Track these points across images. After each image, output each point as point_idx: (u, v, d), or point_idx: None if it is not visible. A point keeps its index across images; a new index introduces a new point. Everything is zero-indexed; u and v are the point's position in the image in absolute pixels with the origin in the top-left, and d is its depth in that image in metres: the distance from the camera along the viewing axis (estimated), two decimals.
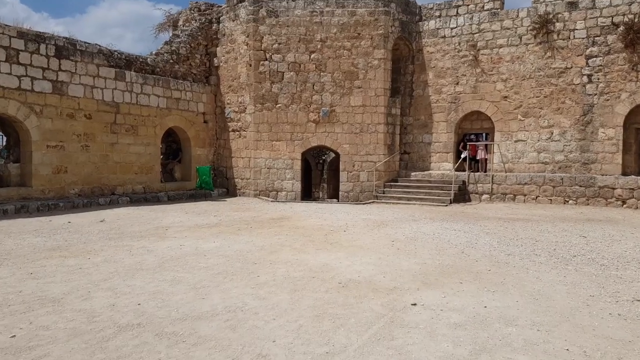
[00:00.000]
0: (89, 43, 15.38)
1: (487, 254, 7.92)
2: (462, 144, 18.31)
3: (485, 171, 17.98)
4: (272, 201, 17.06)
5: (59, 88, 14.36)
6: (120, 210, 13.51)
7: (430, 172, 18.39)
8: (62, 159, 14.48)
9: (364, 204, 16.73)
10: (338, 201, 18.43)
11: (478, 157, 18.18)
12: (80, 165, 14.95)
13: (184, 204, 15.66)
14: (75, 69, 14.78)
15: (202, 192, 17.82)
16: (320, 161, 24.33)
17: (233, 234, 9.78)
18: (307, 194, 24.31)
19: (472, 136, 18.34)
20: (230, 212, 13.53)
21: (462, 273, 6.66)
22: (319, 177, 24.63)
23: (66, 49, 14.59)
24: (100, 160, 15.53)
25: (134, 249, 8.16)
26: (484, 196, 17.16)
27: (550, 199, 16.23)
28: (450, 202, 16.25)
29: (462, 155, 17.85)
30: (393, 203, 16.66)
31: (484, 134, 18.47)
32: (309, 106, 18.00)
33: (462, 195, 17.14)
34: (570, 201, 15.96)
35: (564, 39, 16.42)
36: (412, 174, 18.53)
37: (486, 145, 18.14)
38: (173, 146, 19.33)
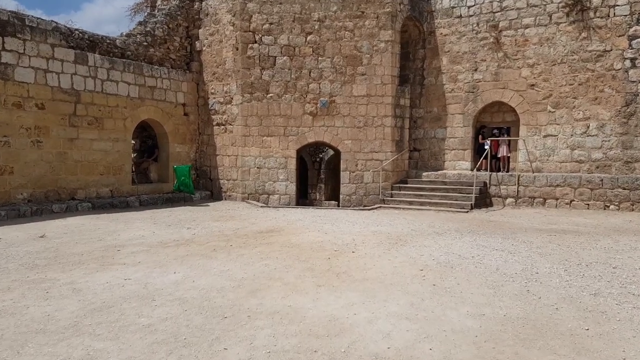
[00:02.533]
0: (41, 19, 12.82)
1: (564, 294, 5.51)
2: (480, 135, 15.89)
3: (508, 170, 15.60)
4: (262, 206, 14.60)
5: (3, 72, 11.81)
6: (73, 221, 11.00)
7: (444, 171, 15.99)
8: (6, 158, 11.94)
9: (369, 209, 14.30)
10: (338, 206, 15.99)
11: (499, 155, 15.76)
12: (30, 165, 12.42)
13: (157, 211, 13.16)
14: (24, 49, 12.23)
15: (181, 195, 15.32)
16: (318, 159, 21.88)
17: (205, 258, 7.32)
18: (303, 196, 21.91)
19: (495, 131, 15.96)
20: (209, 223, 11.06)
21: (548, 337, 4.24)
22: (316, 177, 22.20)
23: (12, 24, 12.04)
24: (57, 159, 13.00)
25: (55, 286, 5.68)
26: (509, 200, 14.77)
27: (588, 204, 13.86)
28: (472, 208, 13.85)
29: (486, 147, 15.36)
30: (403, 209, 14.24)
31: (505, 128, 16.06)
32: (305, 96, 15.54)
33: (483, 199, 14.75)
34: (612, 206, 13.59)
35: (602, 17, 14.03)
36: (424, 174, 16.12)
37: (509, 141, 15.75)
38: (148, 142, 16.82)
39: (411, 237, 9.31)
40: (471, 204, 13.92)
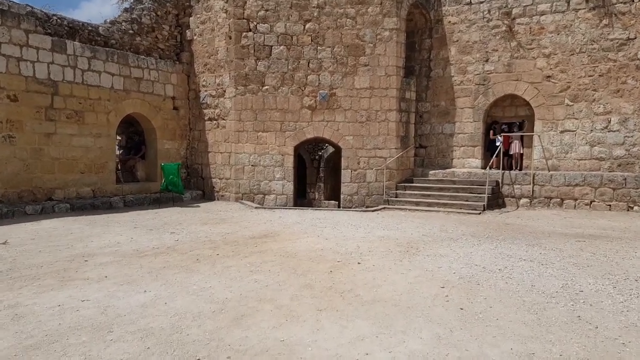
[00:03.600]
0: (14, 1, 11.69)
1: (625, 322, 4.43)
2: (492, 130, 14.81)
3: (521, 169, 14.53)
4: (256, 207, 13.49)
5: None
6: (47, 224, 9.89)
7: (453, 170, 14.90)
8: None
9: (373, 210, 13.20)
10: (339, 206, 14.91)
11: (511, 152, 14.67)
12: (1, 163, 11.31)
13: (142, 213, 12.06)
14: None
15: (171, 195, 14.20)
16: (317, 157, 20.79)
17: (185, 270, 6.22)
18: (301, 195, 20.86)
19: (504, 126, 14.87)
20: (196, 226, 9.95)
21: None
22: (315, 175, 21.11)
23: None
24: (32, 156, 11.88)
25: None
26: (523, 200, 13.68)
27: (609, 205, 12.78)
28: (484, 209, 12.77)
29: (497, 144, 14.31)
30: (410, 210, 13.14)
31: (517, 124, 14.97)
32: (303, 88, 14.44)
33: (495, 200, 13.66)
34: (636, 207, 12.52)
35: (625, 3, 12.94)
36: (431, 172, 15.03)
37: (522, 137, 14.67)
38: (135, 138, 15.71)
39: (423, 243, 8.23)
40: (484, 205, 12.83)
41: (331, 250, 7.55)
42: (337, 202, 19.39)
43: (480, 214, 12.39)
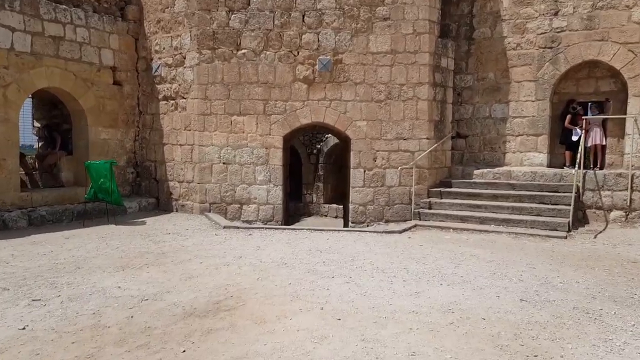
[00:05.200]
0: None
1: None
2: (569, 115, 10.50)
3: (602, 166, 10.26)
4: (226, 226, 9.09)
5: None
6: None
7: (507, 168, 10.59)
8: None
9: (401, 232, 8.80)
10: (346, 217, 10.66)
11: (589, 143, 10.33)
12: None
13: (41, 238, 7.70)
14: None
15: (108, 207, 9.79)
16: (314, 151, 16.48)
17: None
18: (296, 197, 16.56)
19: (579, 107, 10.58)
20: (100, 277, 5.58)
21: None
22: (312, 173, 16.82)
23: None
24: None
25: None
26: (615, 214, 9.38)
27: None
28: (569, 229, 8.49)
29: (574, 137, 10.13)
30: (455, 230, 8.83)
31: (596, 104, 10.62)
32: (296, 53, 10.08)
33: (574, 212, 9.36)
34: None
35: None
36: (476, 172, 10.72)
37: (602, 122, 10.35)
38: (63, 126, 11.31)
39: (544, 330, 3.92)
40: (568, 222, 8.54)
41: None
42: (340, 207, 15.21)
43: (566, 237, 8.10)
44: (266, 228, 8.98)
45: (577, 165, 9.21)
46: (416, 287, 5.22)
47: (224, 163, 10.32)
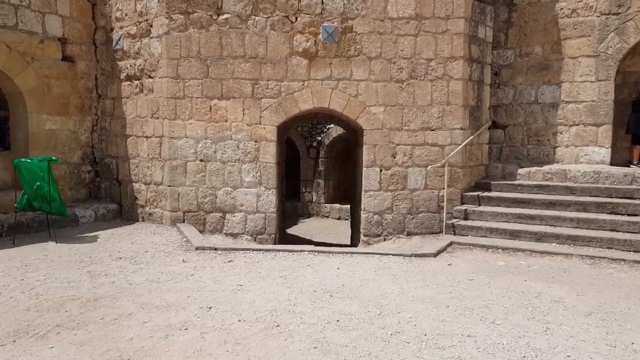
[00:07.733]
0: None
1: None
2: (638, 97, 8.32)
3: None
4: (199, 247, 6.86)
5: None
6: None
7: (560, 166, 8.40)
8: None
9: (436, 254, 6.57)
10: (352, 218, 8.50)
11: None
12: None
13: None
14: None
15: (49, 217, 7.55)
16: (314, 143, 14.27)
17: None
18: (294, 196, 14.42)
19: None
20: None
21: None
22: (312, 169, 14.65)
23: None
24: None
25: None
26: None
27: None
28: None
29: None
30: (505, 250, 6.65)
31: None
32: (293, 19, 7.81)
33: None
34: None
35: None
36: (520, 170, 8.52)
37: None
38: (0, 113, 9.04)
39: None
40: None
41: None
42: (343, 207, 13.13)
43: None
44: (253, 250, 6.72)
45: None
46: None
47: (201, 160, 8.07)
